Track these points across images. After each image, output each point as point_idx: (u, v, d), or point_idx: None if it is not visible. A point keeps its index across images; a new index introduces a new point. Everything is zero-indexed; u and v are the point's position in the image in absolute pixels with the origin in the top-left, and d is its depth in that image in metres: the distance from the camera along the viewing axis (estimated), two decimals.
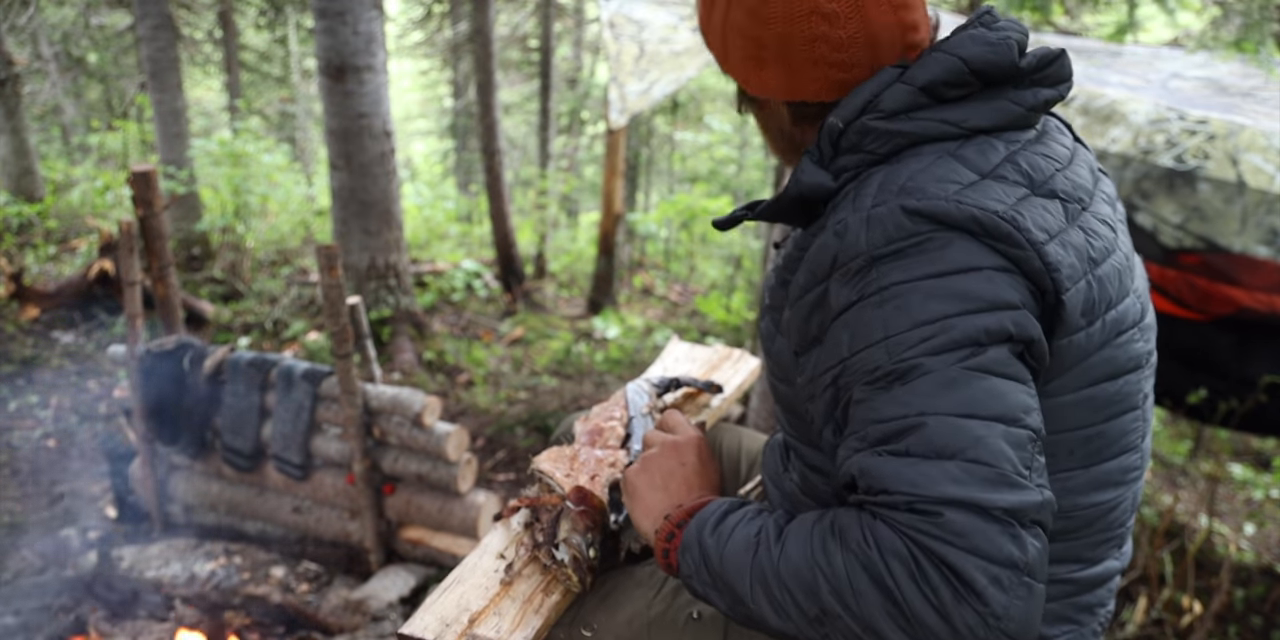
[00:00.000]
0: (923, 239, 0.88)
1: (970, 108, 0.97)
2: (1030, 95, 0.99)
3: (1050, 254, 0.89)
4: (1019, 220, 0.88)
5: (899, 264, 0.88)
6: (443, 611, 1.14)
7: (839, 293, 0.92)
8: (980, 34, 0.99)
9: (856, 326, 0.90)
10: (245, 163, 6.57)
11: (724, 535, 0.95)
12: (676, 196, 8.25)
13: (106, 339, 5.18)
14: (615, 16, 4.31)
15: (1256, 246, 2.75)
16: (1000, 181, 0.92)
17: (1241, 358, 2.92)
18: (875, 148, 0.97)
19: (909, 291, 0.87)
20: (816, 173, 1.00)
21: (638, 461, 1.17)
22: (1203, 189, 2.74)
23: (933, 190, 0.90)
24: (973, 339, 0.85)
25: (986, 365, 0.85)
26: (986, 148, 0.95)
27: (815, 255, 0.96)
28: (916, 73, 0.97)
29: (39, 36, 9.96)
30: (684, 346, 2.01)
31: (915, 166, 0.93)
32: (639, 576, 1.25)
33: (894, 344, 0.87)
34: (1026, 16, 4.99)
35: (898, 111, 0.96)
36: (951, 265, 0.87)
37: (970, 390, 0.84)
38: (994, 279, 0.87)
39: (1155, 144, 2.75)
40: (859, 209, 0.93)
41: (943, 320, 0.86)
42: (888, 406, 0.86)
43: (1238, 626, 3.18)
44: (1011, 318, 0.87)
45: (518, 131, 14.10)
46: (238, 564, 2.90)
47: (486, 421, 4.34)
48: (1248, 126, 2.66)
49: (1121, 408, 1.01)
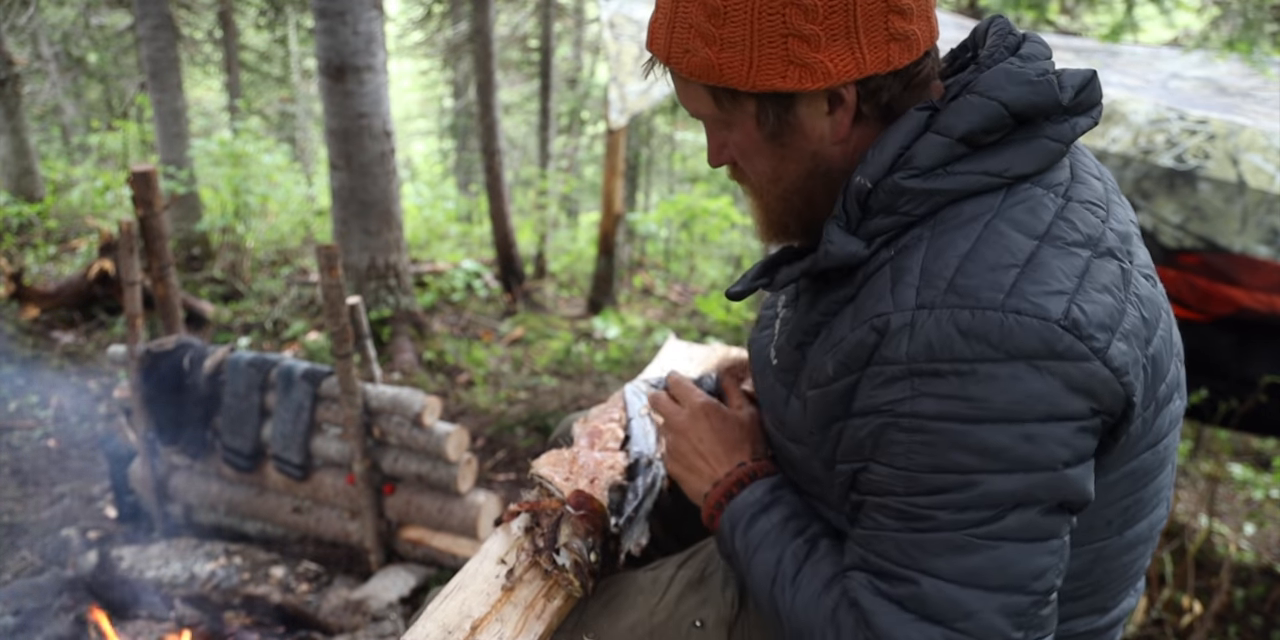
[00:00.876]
0: (967, 369, 0.80)
1: (1010, 154, 0.87)
2: (1068, 129, 0.90)
3: (1115, 358, 0.81)
4: (1081, 324, 0.80)
5: (936, 390, 0.81)
6: (445, 618, 1.14)
7: (867, 393, 0.86)
8: (1017, 71, 0.88)
9: (881, 441, 0.86)
10: (245, 163, 6.57)
11: (751, 545, 1.03)
12: (676, 196, 8.25)
13: (106, 339, 5.18)
14: (615, 16, 4.31)
15: (1257, 246, 2.75)
16: (1057, 248, 0.84)
17: (1241, 358, 2.92)
18: (911, 209, 0.87)
19: (938, 431, 0.82)
20: (848, 241, 0.90)
21: (668, 452, 1.19)
22: (1203, 189, 2.74)
23: (987, 294, 0.80)
24: (994, 502, 0.81)
25: (1002, 532, 0.82)
26: (1035, 203, 0.87)
27: (851, 349, 0.87)
28: (952, 121, 0.87)
29: (39, 36, 9.95)
30: (681, 346, 2.01)
31: (962, 244, 0.84)
32: (641, 583, 1.25)
33: (912, 481, 0.84)
34: (1024, 15, 4.99)
35: (934, 167, 0.87)
36: (990, 412, 0.80)
37: (978, 559, 0.82)
38: (1034, 435, 0.80)
39: (1155, 144, 2.75)
40: (901, 305, 0.83)
41: (967, 474, 0.81)
42: (893, 546, 0.86)
43: (1238, 626, 3.18)
44: (1044, 482, 0.81)
45: (518, 131, 14.10)
46: (238, 564, 2.90)
47: (486, 421, 4.34)
48: (1248, 126, 2.66)
49: (1159, 470, 0.98)
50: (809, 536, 1.01)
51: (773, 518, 1.04)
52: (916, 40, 0.87)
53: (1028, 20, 5.17)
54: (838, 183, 0.95)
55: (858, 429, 0.88)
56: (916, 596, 0.84)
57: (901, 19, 0.85)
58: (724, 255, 8.84)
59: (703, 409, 1.18)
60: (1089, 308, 0.81)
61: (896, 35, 0.85)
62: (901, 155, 0.88)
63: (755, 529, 1.03)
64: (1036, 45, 0.94)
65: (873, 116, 0.91)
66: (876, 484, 0.87)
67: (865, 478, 0.89)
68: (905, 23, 0.85)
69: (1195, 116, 2.75)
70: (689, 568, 1.26)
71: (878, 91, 0.89)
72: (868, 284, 0.89)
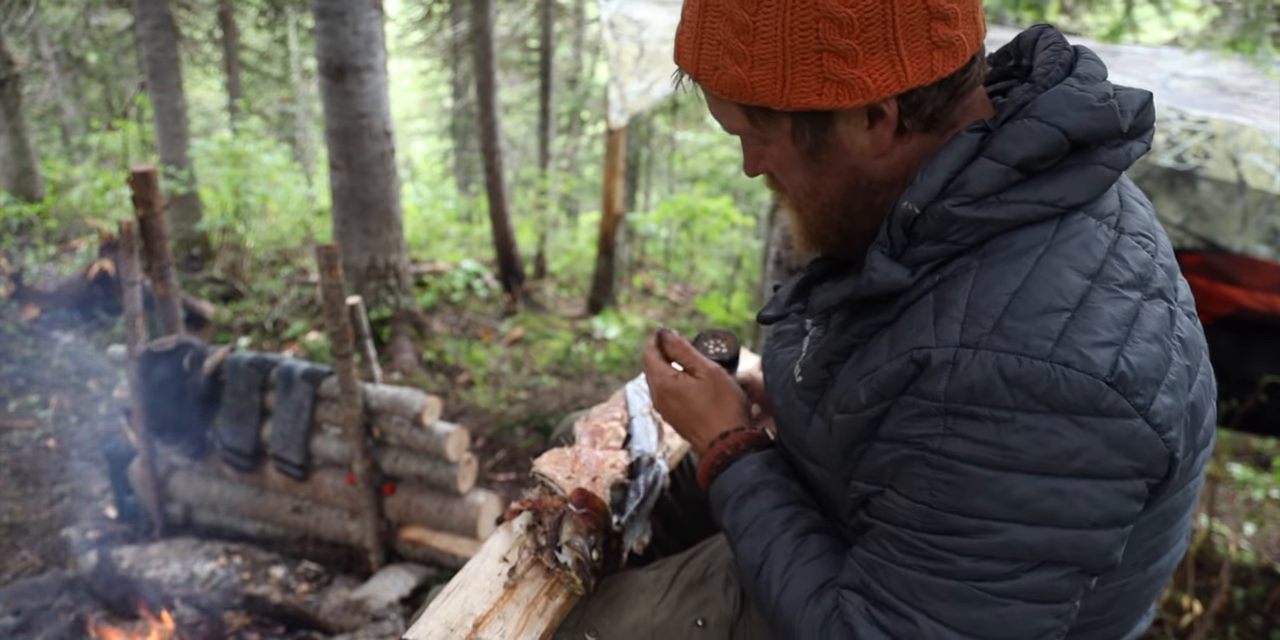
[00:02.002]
0: (1006, 417, 0.77)
1: (1065, 182, 0.83)
2: (1123, 155, 0.85)
3: (1158, 414, 0.78)
4: (1127, 380, 0.77)
5: (971, 433, 0.78)
6: (447, 616, 1.14)
7: (896, 421, 0.84)
8: (1078, 95, 0.83)
9: (904, 471, 0.84)
10: (245, 163, 6.57)
11: (739, 527, 1.03)
12: (676, 196, 8.24)
13: (106, 339, 5.18)
14: (615, 16, 4.31)
15: (1257, 246, 2.75)
16: (1109, 291, 0.80)
17: (1241, 358, 2.92)
18: (961, 238, 0.83)
19: (965, 473, 0.79)
20: (892, 268, 0.85)
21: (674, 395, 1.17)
22: (1203, 188, 2.74)
23: (1036, 342, 0.76)
24: (1015, 555, 0.79)
25: (1014, 591, 0.81)
26: (1088, 237, 0.82)
27: (887, 379, 0.83)
28: (1008, 147, 0.82)
29: (39, 36, 9.95)
30: None
31: (1012, 280, 0.80)
32: (643, 582, 1.25)
33: (930, 517, 0.82)
34: (1024, 16, 4.99)
35: (987, 195, 0.82)
36: (1022, 463, 0.77)
37: (983, 613, 0.81)
38: (1062, 490, 0.78)
39: (1155, 144, 2.75)
40: (944, 340, 0.79)
41: (988, 521, 0.79)
42: (899, 581, 0.85)
43: (1238, 626, 3.18)
44: (1069, 540, 0.79)
45: (518, 131, 14.10)
46: (238, 564, 2.90)
47: (486, 421, 4.34)
48: (1248, 126, 2.66)
49: (1186, 508, 0.96)
50: (798, 531, 1.00)
51: (761, 503, 1.03)
52: (962, 46, 0.81)
53: (1028, 20, 5.17)
54: (879, 195, 0.91)
55: (881, 453, 0.86)
56: (912, 635, 0.84)
57: (945, 25, 0.79)
58: (724, 255, 8.84)
59: (710, 375, 1.18)
60: (1135, 360, 0.78)
61: (940, 43, 0.80)
62: (952, 180, 0.83)
63: (743, 512, 1.03)
64: (1093, 64, 0.88)
65: (916, 129, 0.86)
66: (891, 512, 0.86)
67: (880, 502, 0.87)
68: (949, 29, 0.79)
69: (1195, 116, 2.76)
70: (691, 567, 1.26)
71: (921, 104, 0.83)
72: (908, 311, 0.85)
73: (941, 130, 0.88)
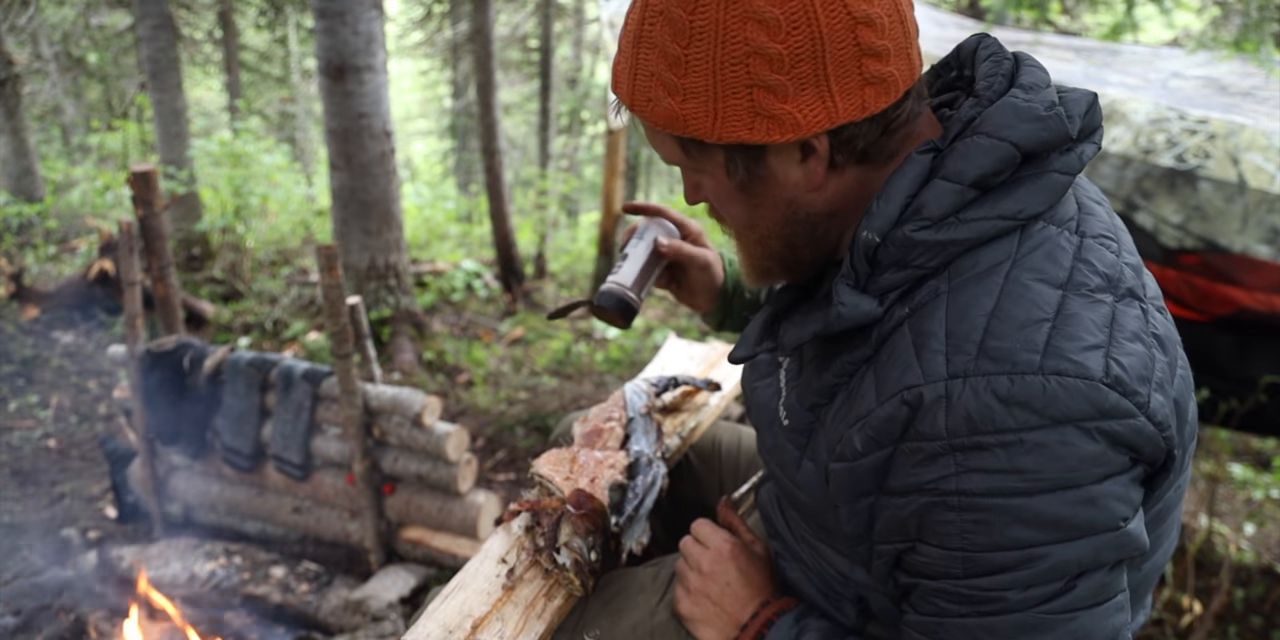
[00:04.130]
0: (1013, 439, 0.75)
1: (1022, 194, 0.83)
2: (1075, 159, 0.85)
3: (1157, 412, 0.78)
4: (1124, 380, 0.76)
5: (983, 465, 0.76)
6: (445, 618, 1.14)
7: (906, 470, 0.81)
8: (1025, 106, 0.83)
9: (928, 521, 0.80)
10: (245, 163, 6.57)
11: None
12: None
13: (106, 339, 5.18)
14: (615, 16, 4.31)
15: (1257, 246, 2.74)
16: (1082, 297, 0.80)
17: (1241, 358, 2.92)
18: (925, 262, 0.82)
19: (991, 507, 0.77)
20: (860, 300, 0.84)
21: (687, 594, 1.14)
22: (1203, 188, 2.74)
23: (1023, 356, 0.76)
24: (1062, 573, 0.78)
25: (1075, 603, 0.79)
26: (1052, 246, 0.82)
27: (880, 424, 0.82)
28: (961, 167, 0.81)
29: (39, 36, 9.95)
30: (682, 345, 2.01)
31: (985, 301, 0.79)
32: (642, 581, 1.25)
33: (970, 562, 0.79)
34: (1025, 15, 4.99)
35: (945, 216, 0.82)
36: (1043, 482, 0.76)
37: (1055, 635, 0.79)
38: (1094, 498, 0.77)
39: (1155, 143, 2.75)
40: (932, 375, 0.78)
41: (1030, 549, 0.77)
42: (962, 633, 0.82)
43: (1238, 626, 3.18)
44: (1110, 542, 0.78)
45: (518, 131, 14.10)
46: (238, 564, 2.90)
47: (486, 421, 4.34)
48: (1248, 126, 2.66)
49: (1176, 504, 0.96)
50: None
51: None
52: (894, 82, 0.81)
53: (1028, 20, 5.17)
54: (820, 226, 0.91)
55: (899, 508, 0.83)
56: None
57: (877, 61, 0.79)
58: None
59: (730, 551, 1.14)
60: (1125, 361, 0.77)
61: (872, 79, 0.80)
62: (909, 205, 0.83)
63: None
64: (1035, 71, 0.88)
65: (849, 164, 0.86)
66: (929, 566, 0.83)
67: (914, 559, 0.84)
68: (881, 65, 0.80)
69: (1195, 116, 2.75)
70: None
71: (853, 140, 0.83)
72: (886, 345, 0.84)
73: (880, 162, 0.87)
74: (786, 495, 1.06)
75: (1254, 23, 3.48)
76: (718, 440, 1.58)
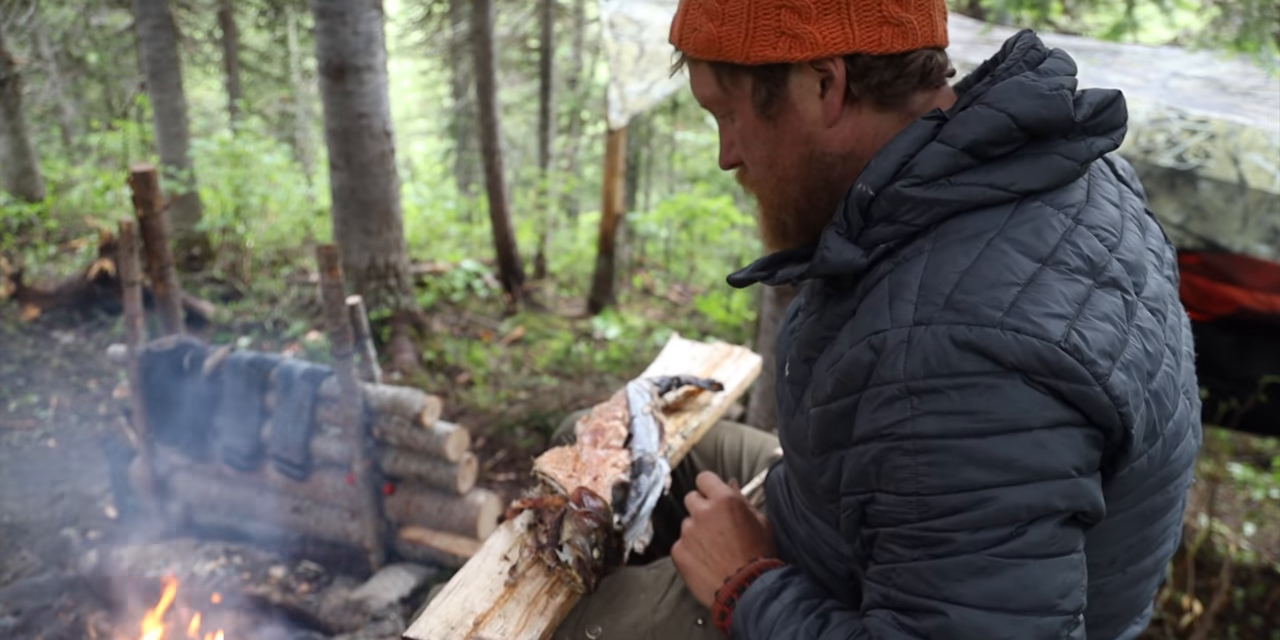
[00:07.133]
0: (967, 382, 0.78)
1: (1018, 168, 0.86)
2: (1083, 147, 0.88)
3: (1116, 386, 0.79)
4: (1082, 349, 0.78)
5: (937, 407, 0.79)
6: (447, 614, 1.14)
7: (867, 416, 0.84)
8: (1030, 84, 0.87)
9: (885, 467, 0.83)
10: (245, 163, 6.57)
11: (764, 632, 1.00)
12: (676, 196, 8.24)
13: (106, 339, 5.18)
14: (615, 16, 4.31)
15: (1257, 246, 2.74)
16: (1060, 272, 0.82)
17: (1241, 358, 2.92)
18: (912, 218, 0.86)
19: (944, 448, 0.79)
20: (845, 248, 0.89)
21: (681, 539, 1.17)
22: (1203, 188, 2.74)
23: (986, 310, 0.78)
24: (1012, 517, 0.79)
25: (1024, 549, 0.80)
26: (1041, 223, 0.84)
27: (848, 367, 0.86)
28: (957, 131, 0.86)
29: (39, 36, 9.95)
30: (684, 345, 2.00)
31: (963, 260, 0.82)
32: (644, 580, 1.25)
33: (924, 505, 0.81)
34: (1025, 15, 4.99)
35: (937, 176, 0.86)
36: (995, 423, 0.78)
37: (1002, 580, 0.80)
38: (1044, 442, 0.78)
39: (1156, 143, 2.75)
40: (899, 321, 0.82)
41: (980, 490, 0.79)
42: (912, 577, 0.83)
43: (1238, 626, 3.18)
44: (1061, 490, 0.79)
45: (518, 131, 14.09)
46: (238, 564, 2.90)
47: (486, 421, 4.34)
48: (1248, 126, 2.66)
49: (1167, 509, 0.96)
50: (821, 612, 0.98)
51: (784, 600, 1.01)
52: (912, 29, 0.88)
53: (1029, 20, 5.17)
54: (834, 170, 0.95)
55: (860, 456, 0.85)
56: (944, 628, 0.81)
57: (897, 5, 0.87)
58: (724, 255, 8.83)
59: (728, 503, 1.18)
60: (1090, 334, 0.79)
61: (890, 19, 0.87)
62: (905, 163, 0.87)
63: (766, 615, 1.01)
64: (1059, 62, 0.91)
65: (865, 100, 0.91)
66: (887, 514, 0.85)
67: (874, 509, 0.86)
68: (900, 10, 0.87)
69: (1195, 116, 2.75)
70: None
71: (867, 71, 0.89)
72: (866, 298, 0.88)
73: (898, 114, 0.92)
74: (788, 462, 1.09)
75: (1254, 22, 3.48)
76: (720, 440, 1.59)
